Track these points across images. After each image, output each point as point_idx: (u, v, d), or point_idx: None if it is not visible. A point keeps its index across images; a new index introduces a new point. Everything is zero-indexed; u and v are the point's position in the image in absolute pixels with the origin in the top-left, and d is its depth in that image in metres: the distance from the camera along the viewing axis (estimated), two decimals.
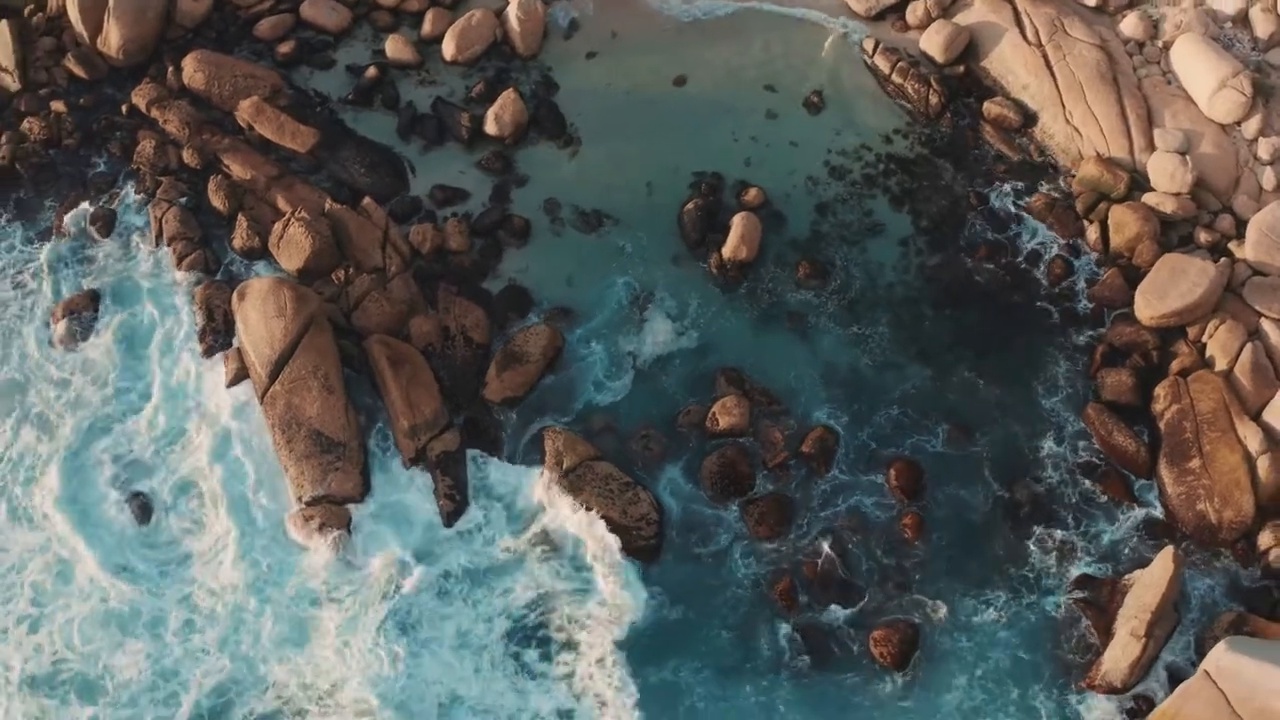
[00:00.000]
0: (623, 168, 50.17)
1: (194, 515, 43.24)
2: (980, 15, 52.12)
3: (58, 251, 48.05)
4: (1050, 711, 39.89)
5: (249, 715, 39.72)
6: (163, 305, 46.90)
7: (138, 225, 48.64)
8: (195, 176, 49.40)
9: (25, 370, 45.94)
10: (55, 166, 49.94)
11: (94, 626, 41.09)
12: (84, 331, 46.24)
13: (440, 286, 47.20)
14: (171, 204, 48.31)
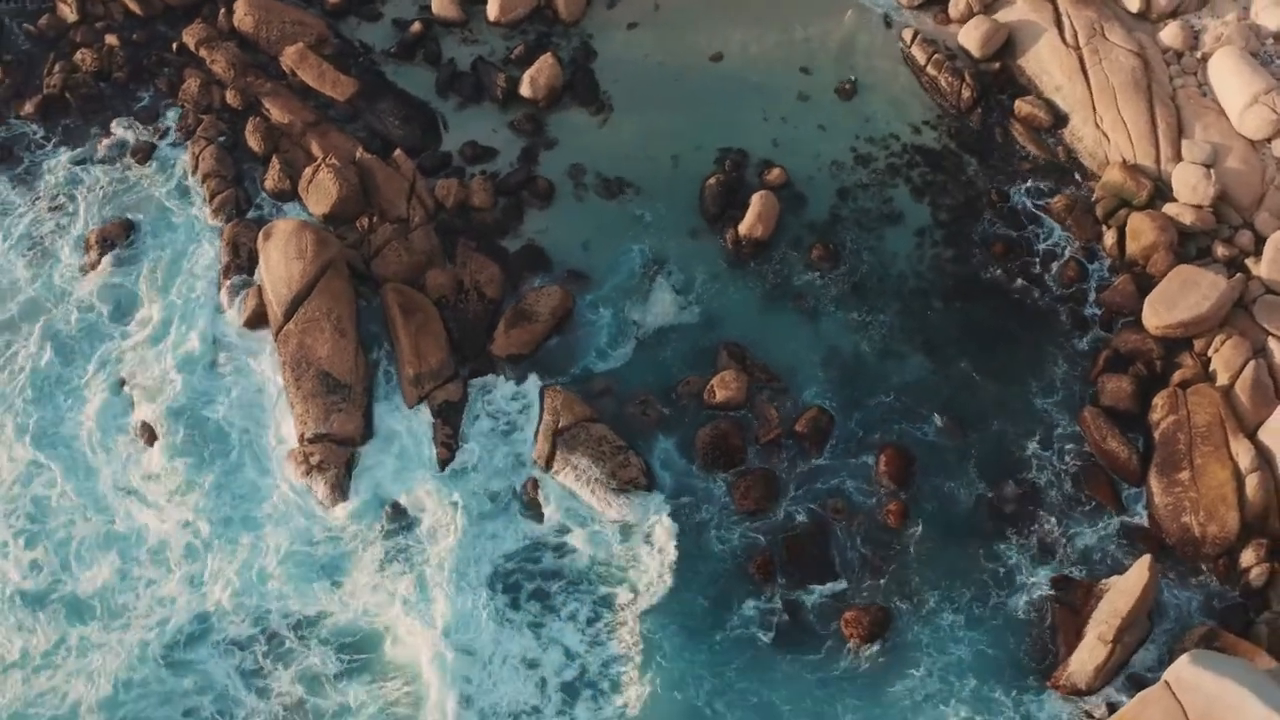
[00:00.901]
0: (650, 138, 50.37)
1: (201, 445, 43.97)
2: (1021, 13, 51.62)
3: (97, 179, 49.25)
4: (1005, 706, 39.78)
5: (225, 640, 40.55)
6: (192, 239, 48.14)
7: (176, 160, 49.65)
8: (235, 117, 50.53)
9: (53, 291, 47.12)
10: (103, 97, 51.35)
11: (93, 547, 42.23)
12: (114, 259, 47.39)
13: (460, 241, 47.87)
14: (210, 142, 49.46)
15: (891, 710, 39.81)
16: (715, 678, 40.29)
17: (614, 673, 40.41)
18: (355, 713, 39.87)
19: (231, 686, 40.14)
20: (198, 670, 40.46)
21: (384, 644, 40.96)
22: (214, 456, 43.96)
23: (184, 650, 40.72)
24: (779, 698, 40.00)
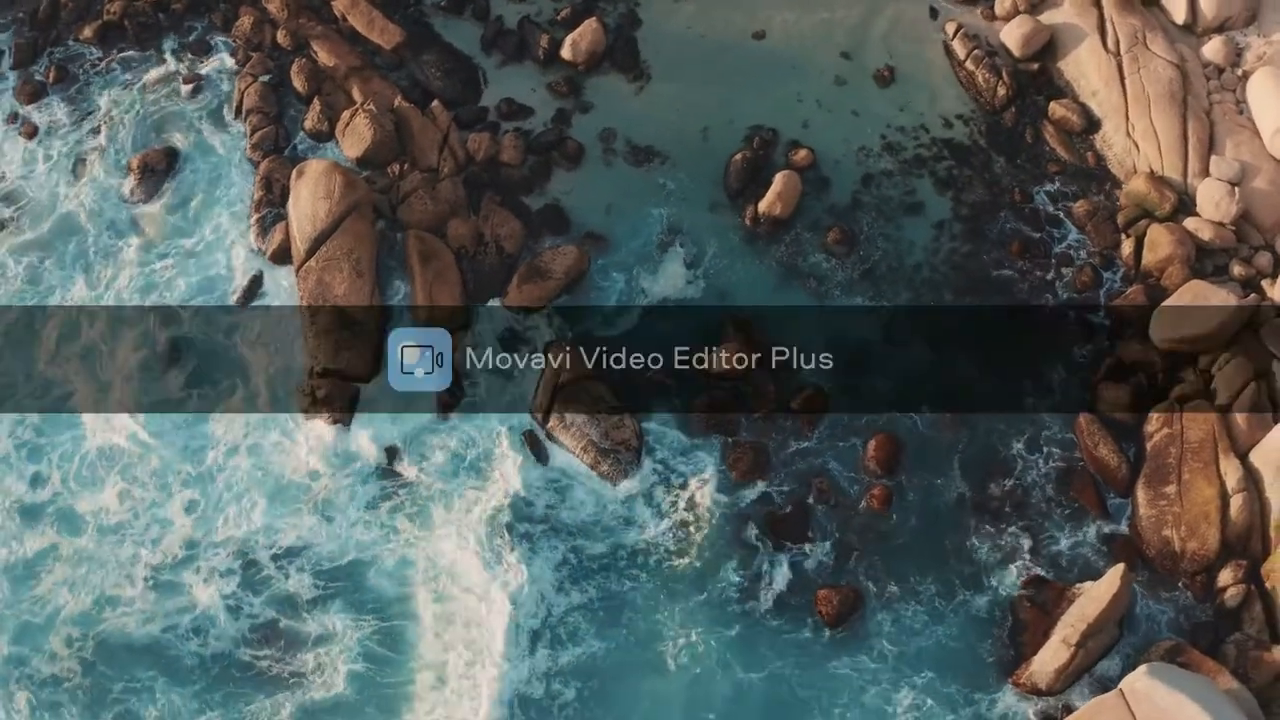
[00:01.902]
0: (684, 110, 50.32)
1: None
2: (1066, 16, 50.80)
3: (145, 105, 50.38)
4: (957, 697, 39.81)
5: (211, 565, 41.64)
6: (229, 172, 49.03)
7: (223, 94, 50.61)
8: (283, 56, 51.18)
9: (89, 212, 48.36)
10: (159, 27, 52.35)
11: (96, 465, 43.52)
12: (153, 184, 48.54)
13: (486, 195, 48.30)
14: (256, 79, 50.30)
15: (842, 686, 39.93)
16: (682, 636, 40.59)
17: (580, 622, 40.86)
18: (333, 640, 40.56)
19: (213, 610, 40.98)
20: (182, 593, 41.46)
21: (367, 578, 41.61)
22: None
23: (170, 572, 41.75)
24: (740, 661, 40.31)
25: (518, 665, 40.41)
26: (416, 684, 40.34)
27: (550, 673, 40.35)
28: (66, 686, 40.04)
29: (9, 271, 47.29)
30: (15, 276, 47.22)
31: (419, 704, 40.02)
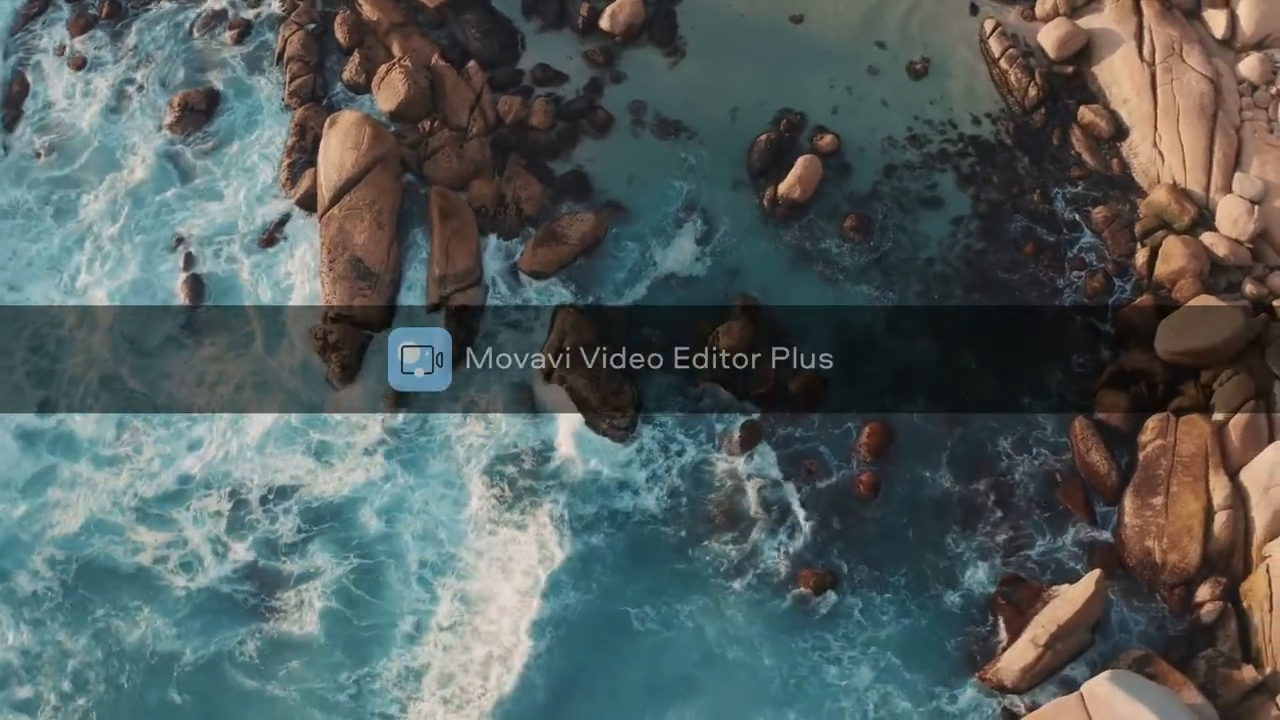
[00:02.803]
0: (715, 88, 50.21)
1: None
2: (1105, 22, 50.02)
3: (191, 45, 51.20)
4: (920, 687, 39.83)
5: (203, 500, 42.66)
6: (266, 116, 49.79)
7: (267, 39, 51.24)
8: (329, 7, 51.63)
9: (126, 147, 49.35)
10: None
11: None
12: (192, 123, 49.36)
13: (512, 157, 48.56)
14: (300, 27, 50.97)
15: (808, 661, 40.17)
16: (659, 598, 41.08)
17: (562, 577, 41.31)
18: (315, 576, 41.40)
19: (200, 545, 41.96)
20: (171, 526, 42.46)
21: (359, 521, 42.36)
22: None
23: (160, 505, 42.78)
24: (713, 626, 40.71)
25: (499, 619, 40.89)
26: (396, 629, 40.98)
27: (530, 624, 40.66)
28: (47, 606, 41.03)
29: (41, 203, 48.26)
30: (46, 210, 48.13)
31: (393, 649, 40.55)
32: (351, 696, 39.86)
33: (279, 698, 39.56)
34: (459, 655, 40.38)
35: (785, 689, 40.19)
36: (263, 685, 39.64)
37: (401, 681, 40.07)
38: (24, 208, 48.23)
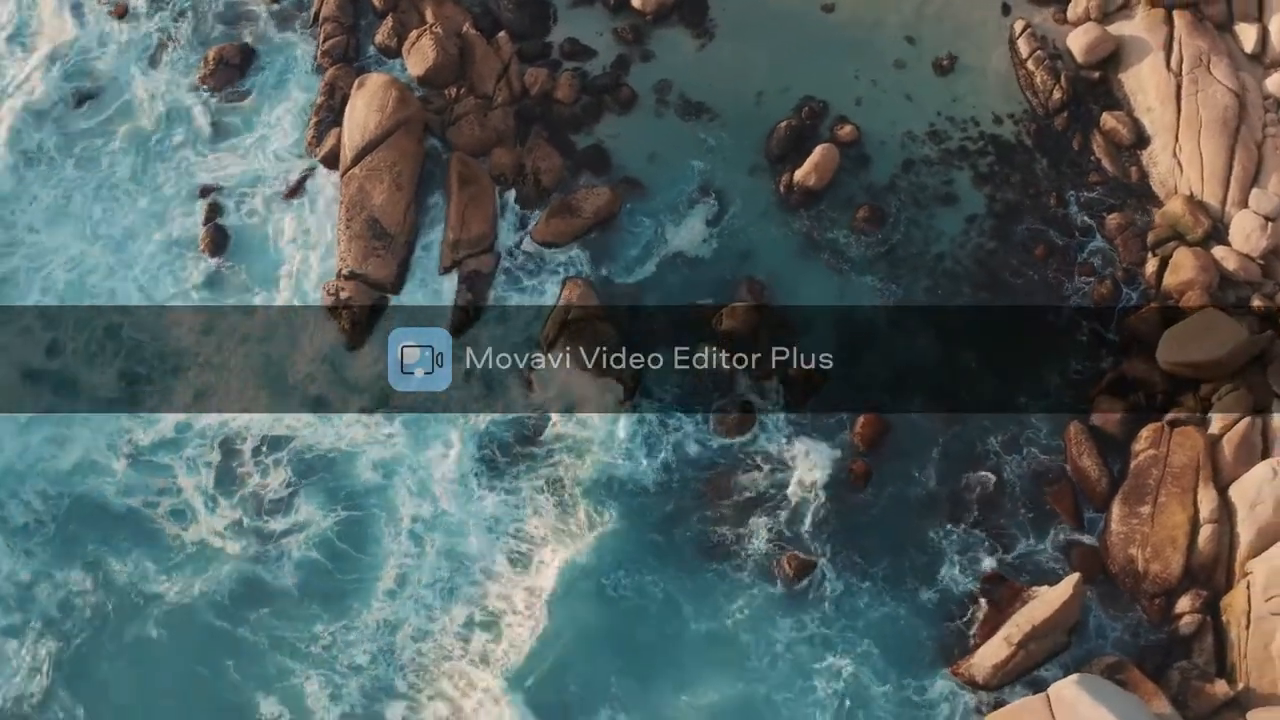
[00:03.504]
0: (741, 71, 50.00)
1: (251, 266, 46.44)
2: (1135, 29, 49.17)
3: (231, 3, 51.58)
4: (892, 675, 39.81)
5: (197, 449, 43.21)
6: (298, 75, 50.19)
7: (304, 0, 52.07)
8: None
9: (158, 98, 49.76)
10: None
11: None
12: (225, 77, 49.79)
13: (535, 128, 48.73)
14: None
15: (782, 639, 40.31)
16: (637, 566, 41.30)
17: (549, 542, 41.81)
18: (302, 529, 41.96)
19: (191, 493, 42.58)
20: (164, 472, 43.01)
21: (353, 475, 42.83)
22: (259, 276, 46.23)
23: (154, 453, 43.32)
24: (690, 600, 40.94)
25: (483, 580, 41.35)
26: (378, 583, 41.43)
27: (512, 587, 41.15)
28: (38, 538, 41.82)
29: (65, 150, 48.76)
30: (68, 159, 48.54)
31: (373, 602, 41.01)
32: (325, 648, 40.21)
33: (248, 640, 40.09)
34: (439, 614, 40.73)
35: (758, 666, 40.38)
36: (234, 628, 40.12)
37: (377, 635, 40.43)
38: (48, 154, 48.56)
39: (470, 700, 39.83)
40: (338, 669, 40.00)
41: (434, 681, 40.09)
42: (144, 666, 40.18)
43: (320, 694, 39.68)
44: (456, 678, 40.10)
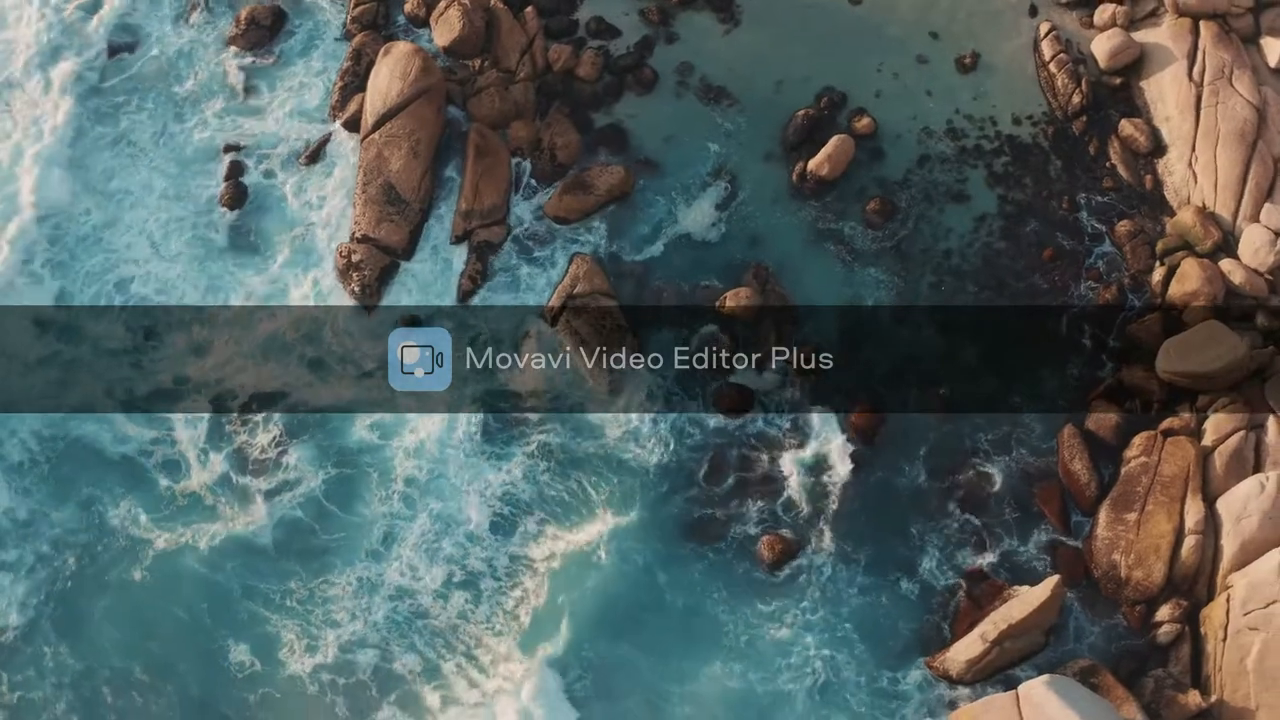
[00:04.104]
0: (763, 58, 49.70)
1: (267, 225, 46.80)
2: (1160, 37, 48.52)
3: None
4: (869, 663, 39.88)
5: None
6: (326, 39, 50.29)
7: None
8: None
9: (187, 56, 50.07)
10: None
11: (114, 295, 45.56)
12: (255, 38, 49.92)
13: (555, 104, 48.70)
14: None
15: (760, 619, 40.54)
16: (625, 539, 41.52)
17: (534, 507, 42.08)
18: (293, 487, 42.39)
19: (185, 446, 43.04)
20: (160, 424, 43.46)
21: (351, 436, 43.30)
22: (273, 235, 46.62)
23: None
24: (671, 574, 41.16)
25: (466, 544, 41.64)
26: (364, 541, 41.91)
27: (495, 551, 41.49)
28: (33, 477, 42.40)
29: (91, 112, 49.03)
30: (93, 113, 49.06)
31: (356, 561, 41.45)
32: (300, 601, 40.74)
33: (228, 590, 40.75)
34: (423, 574, 41.08)
35: (736, 643, 40.67)
36: (214, 576, 40.81)
37: (356, 593, 40.92)
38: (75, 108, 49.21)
39: (449, 663, 40.14)
40: (313, 622, 40.45)
41: (408, 638, 40.38)
42: (126, 607, 40.88)
43: (296, 644, 40.12)
44: (431, 636, 40.42)
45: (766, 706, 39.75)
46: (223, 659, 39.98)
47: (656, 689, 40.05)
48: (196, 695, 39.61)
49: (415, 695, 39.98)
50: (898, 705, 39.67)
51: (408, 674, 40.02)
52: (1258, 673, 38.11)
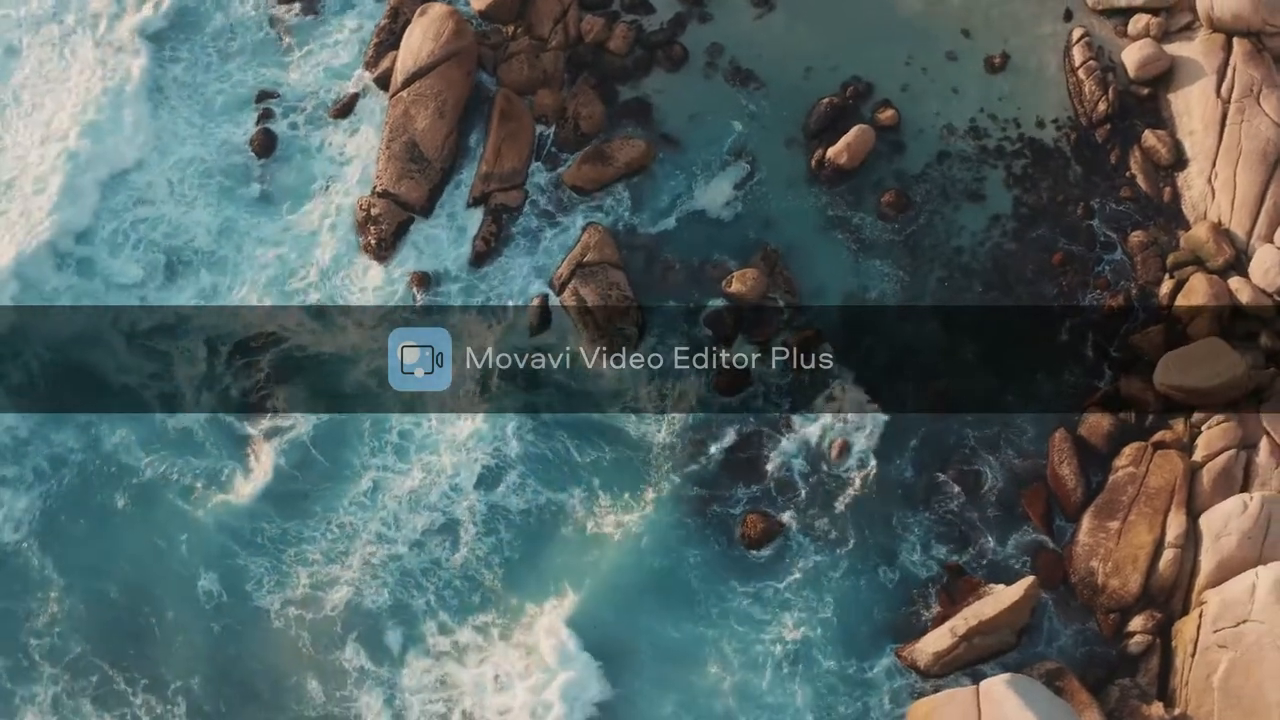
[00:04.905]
0: (794, 44, 49.13)
1: (291, 175, 47.18)
2: (1192, 51, 47.43)
3: None
4: (840, 649, 39.72)
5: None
6: None
7: None
8: None
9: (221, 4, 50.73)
10: None
11: (130, 234, 46.06)
12: None
13: (583, 75, 48.51)
14: None
15: (735, 596, 40.51)
16: (611, 505, 41.75)
17: (525, 468, 42.25)
18: (284, 432, 42.90)
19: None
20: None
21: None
22: (296, 185, 47.02)
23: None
24: (653, 540, 41.22)
25: (454, 495, 41.90)
26: (350, 488, 42.40)
27: (478, 505, 41.74)
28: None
29: (129, 57, 49.43)
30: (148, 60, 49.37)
31: (339, 506, 41.94)
32: (272, 540, 41.38)
33: (206, 525, 41.51)
34: (405, 523, 41.46)
35: (707, 611, 40.55)
36: (194, 512, 41.56)
37: (334, 536, 41.44)
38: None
39: (417, 601, 40.59)
40: (285, 560, 41.03)
41: (380, 579, 40.88)
42: (109, 530, 41.73)
43: (266, 579, 40.78)
44: (403, 577, 40.93)
45: (735, 679, 39.60)
46: (192, 588, 40.64)
47: (622, 643, 40.18)
48: (168, 620, 40.22)
49: (379, 634, 40.40)
50: (863, 691, 39.41)
51: (376, 612, 40.44)
52: (1222, 690, 37.64)
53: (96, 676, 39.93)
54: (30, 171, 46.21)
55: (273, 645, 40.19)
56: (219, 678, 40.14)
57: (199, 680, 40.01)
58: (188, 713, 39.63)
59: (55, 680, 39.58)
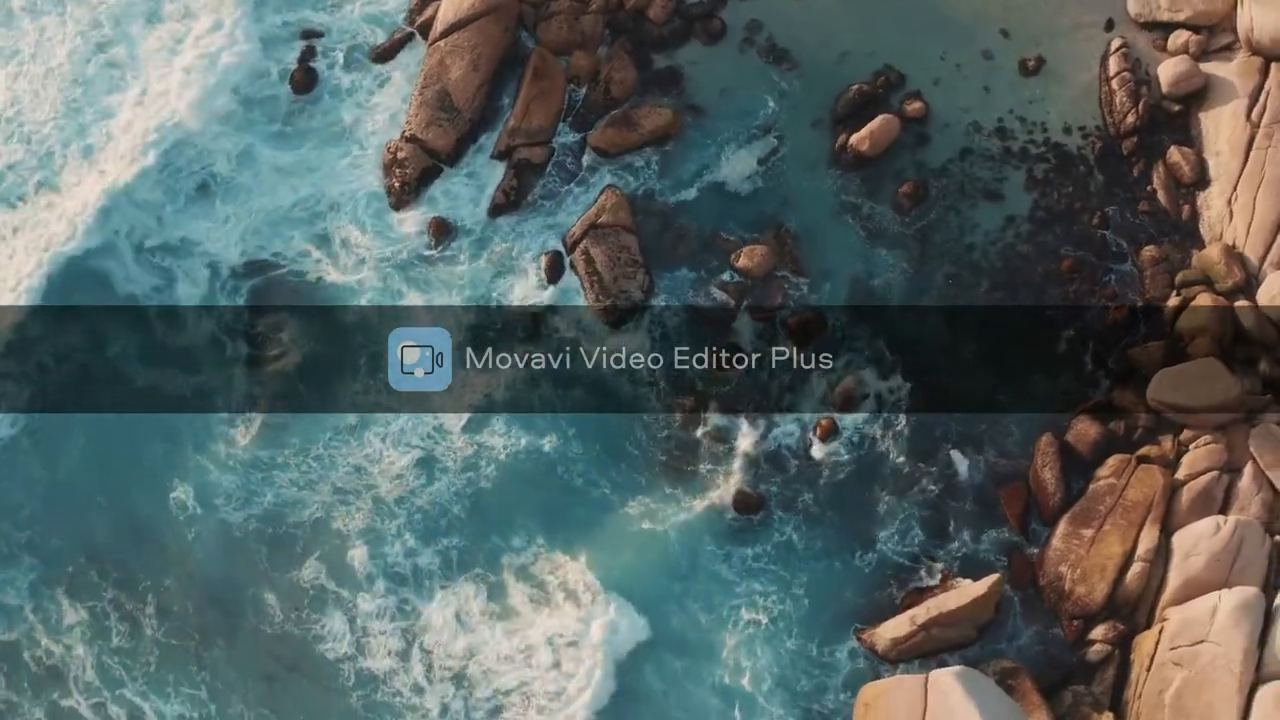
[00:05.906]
0: (832, 28, 48.49)
1: (326, 113, 47.69)
2: (1228, 72, 46.14)
3: None
4: (801, 628, 39.81)
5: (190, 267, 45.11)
6: None
7: None
8: None
9: None
10: None
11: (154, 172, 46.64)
12: None
13: (620, 40, 48.26)
14: None
15: (709, 561, 40.85)
16: (592, 459, 42.18)
17: (503, 417, 42.80)
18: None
19: (181, 297, 44.32)
20: (161, 273, 44.77)
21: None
22: (329, 123, 47.53)
23: (158, 255, 45.09)
24: (634, 496, 41.76)
25: (443, 439, 42.45)
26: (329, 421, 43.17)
27: (466, 450, 42.20)
28: (41, 300, 44.23)
29: None
30: None
31: (329, 430, 42.73)
32: (244, 462, 42.31)
33: (189, 440, 42.45)
34: (393, 459, 42.03)
35: (679, 567, 40.91)
36: (182, 431, 42.58)
37: (310, 461, 42.28)
38: None
39: (386, 525, 41.32)
40: (252, 481, 41.96)
41: (350, 504, 41.71)
42: (96, 434, 42.85)
43: (236, 495, 41.73)
44: (375, 504, 41.73)
45: (698, 635, 40.18)
46: (167, 498, 41.74)
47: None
48: (142, 525, 41.51)
49: (343, 553, 41.27)
50: (821, 671, 39.53)
51: (344, 530, 41.40)
52: (1173, 708, 37.06)
53: (72, 568, 41.41)
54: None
55: (234, 557, 41.39)
56: (187, 580, 41.38)
57: (169, 582, 41.31)
58: (156, 611, 40.89)
59: (32, 569, 41.04)
